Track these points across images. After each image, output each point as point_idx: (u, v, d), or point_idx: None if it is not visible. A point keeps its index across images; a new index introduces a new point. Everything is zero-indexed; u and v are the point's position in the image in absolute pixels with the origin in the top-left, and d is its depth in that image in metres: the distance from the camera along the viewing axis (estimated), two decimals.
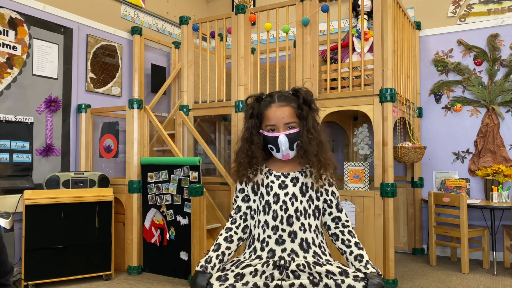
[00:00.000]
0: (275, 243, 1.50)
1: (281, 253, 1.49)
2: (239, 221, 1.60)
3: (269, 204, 1.54)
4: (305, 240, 1.50)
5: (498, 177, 4.14)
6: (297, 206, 1.53)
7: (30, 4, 3.91)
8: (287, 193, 1.54)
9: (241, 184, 1.62)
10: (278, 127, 1.54)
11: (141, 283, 3.59)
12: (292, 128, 1.54)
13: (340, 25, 3.82)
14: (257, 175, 1.58)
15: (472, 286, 3.51)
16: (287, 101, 1.55)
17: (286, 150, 1.53)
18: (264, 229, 1.53)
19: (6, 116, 3.70)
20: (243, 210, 1.61)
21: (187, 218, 3.65)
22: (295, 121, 1.54)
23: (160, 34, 5.42)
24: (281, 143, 1.52)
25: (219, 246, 1.53)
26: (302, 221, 1.51)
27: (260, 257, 1.50)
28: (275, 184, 1.56)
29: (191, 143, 4.46)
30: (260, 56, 4.28)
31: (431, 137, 4.70)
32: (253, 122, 1.58)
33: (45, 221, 3.46)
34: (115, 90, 4.75)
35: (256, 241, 1.54)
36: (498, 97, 4.37)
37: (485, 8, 4.49)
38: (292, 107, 1.55)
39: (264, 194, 1.56)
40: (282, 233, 1.50)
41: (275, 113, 1.54)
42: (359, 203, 3.58)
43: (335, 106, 3.75)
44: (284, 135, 1.52)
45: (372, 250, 3.50)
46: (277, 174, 1.58)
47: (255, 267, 1.45)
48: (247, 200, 1.61)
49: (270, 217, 1.52)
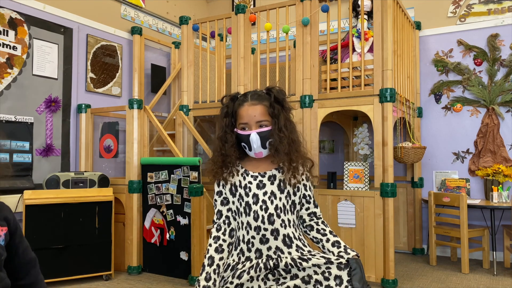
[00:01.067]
0: (259, 242, 1.53)
1: (267, 252, 1.52)
2: (224, 227, 1.61)
3: (249, 205, 1.55)
4: (287, 235, 1.54)
5: (498, 177, 4.14)
6: (277, 204, 1.55)
7: (30, 4, 3.91)
8: (266, 192, 1.56)
9: (218, 186, 1.64)
10: (250, 125, 1.56)
11: (141, 283, 3.59)
12: (264, 126, 1.56)
13: (340, 25, 3.82)
14: (234, 177, 1.60)
15: (472, 286, 3.51)
16: (259, 99, 1.57)
17: (258, 148, 1.55)
18: (247, 230, 1.55)
19: (6, 116, 3.71)
20: (225, 214, 1.62)
21: (187, 218, 3.65)
22: (267, 119, 1.56)
23: (160, 34, 5.42)
24: (252, 141, 1.54)
25: (213, 259, 1.54)
26: (282, 218, 1.54)
27: (249, 258, 1.54)
28: (253, 185, 1.57)
29: (191, 143, 4.46)
30: (260, 56, 4.28)
31: (431, 137, 4.70)
32: (227, 121, 1.61)
33: (45, 221, 3.46)
34: (115, 90, 4.75)
35: (242, 242, 1.57)
36: (498, 97, 4.37)
37: (485, 8, 4.49)
38: (264, 105, 1.57)
39: (243, 195, 1.57)
40: (264, 232, 1.52)
41: (247, 111, 1.56)
42: (359, 203, 3.58)
43: (335, 106, 3.75)
44: (255, 133, 1.54)
45: (372, 250, 3.50)
46: (254, 174, 1.59)
47: (250, 274, 1.49)
48: (226, 203, 1.62)
49: (251, 218, 1.54)
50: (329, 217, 3.72)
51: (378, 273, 3.48)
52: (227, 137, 1.59)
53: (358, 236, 3.59)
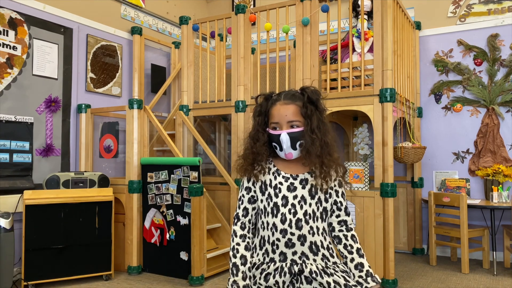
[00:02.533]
0: (285, 246, 1.50)
1: (292, 256, 1.49)
2: (248, 225, 1.59)
3: (278, 206, 1.51)
4: (314, 243, 1.50)
5: (498, 177, 4.14)
6: (306, 209, 1.51)
7: (30, 4, 3.91)
8: (296, 196, 1.52)
9: (248, 182, 1.59)
10: (281, 125, 1.52)
11: (141, 283, 3.59)
12: (295, 127, 1.52)
13: (340, 25, 3.82)
14: (265, 175, 1.56)
15: (472, 286, 3.51)
16: (292, 99, 1.54)
17: (288, 149, 1.51)
18: (273, 232, 1.52)
19: (6, 116, 3.70)
20: (250, 212, 1.59)
21: (187, 218, 3.65)
22: (299, 120, 1.52)
23: (160, 34, 5.42)
24: (282, 141, 1.50)
25: (246, 258, 1.53)
26: (311, 225, 1.50)
27: (273, 260, 1.51)
28: (284, 186, 1.53)
29: (191, 143, 4.46)
30: (260, 56, 4.28)
31: (431, 137, 4.70)
32: (260, 120, 1.58)
33: (45, 221, 3.46)
34: (115, 90, 4.75)
35: (267, 243, 1.53)
36: (498, 97, 4.37)
37: (485, 8, 4.49)
38: (297, 105, 1.53)
39: (272, 195, 1.53)
40: (291, 236, 1.49)
41: (279, 111, 1.53)
42: (359, 203, 3.58)
43: (335, 106, 3.75)
44: (285, 133, 1.50)
45: (372, 250, 3.50)
46: (285, 175, 1.55)
47: (275, 279, 1.48)
48: (253, 201, 1.59)
49: (278, 220, 1.50)
50: None
51: (378, 273, 3.48)
52: (259, 136, 1.56)
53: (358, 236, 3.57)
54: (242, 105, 4.16)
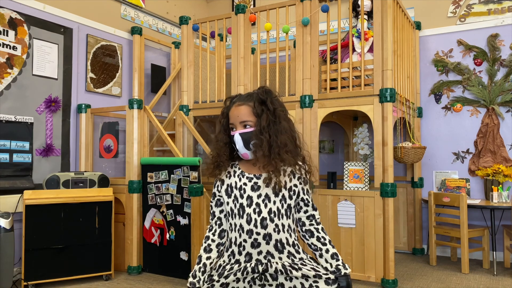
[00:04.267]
0: (251, 246, 1.52)
1: (258, 256, 1.51)
2: (215, 227, 1.63)
3: (243, 207, 1.54)
4: (279, 241, 1.52)
5: (498, 177, 4.14)
6: (271, 207, 1.53)
7: (30, 4, 3.91)
8: (260, 195, 1.54)
9: (214, 187, 1.64)
10: (236, 126, 1.56)
11: (141, 283, 3.59)
12: (248, 127, 1.54)
13: (340, 25, 3.82)
14: (231, 178, 1.59)
15: (472, 286, 3.51)
16: (245, 100, 1.57)
17: (242, 149, 1.54)
18: (240, 233, 1.54)
19: (6, 116, 3.71)
20: (217, 215, 1.64)
21: (187, 218, 3.65)
22: (251, 120, 1.54)
23: (160, 34, 5.42)
24: (236, 141, 1.54)
25: (200, 258, 1.59)
26: (276, 222, 1.52)
27: (238, 261, 1.53)
28: (248, 186, 1.56)
29: (191, 143, 4.46)
30: (260, 56, 4.28)
31: (431, 137, 4.70)
32: (224, 122, 1.62)
33: (45, 221, 3.46)
34: (115, 90, 4.75)
35: (234, 244, 1.56)
36: (498, 97, 4.37)
37: (485, 8, 4.49)
38: (249, 105, 1.55)
39: (238, 196, 1.56)
40: (257, 236, 1.51)
41: (233, 112, 1.57)
42: (359, 203, 3.58)
43: (335, 106, 3.75)
44: (238, 133, 1.54)
45: (372, 250, 3.50)
46: (249, 175, 1.58)
47: (237, 276, 1.50)
48: (219, 204, 1.63)
49: (244, 221, 1.52)
50: (329, 217, 3.72)
51: (378, 273, 3.48)
52: (220, 137, 1.61)
53: (358, 236, 3.59)
54: None
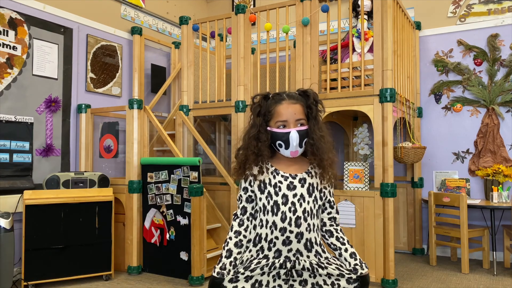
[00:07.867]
0: (282, 243, 1.54)
1: (287, 253, 1.54)
2: (246, 223, 1.63)
3: (278, 205, 1.55)
4: (309, 240, 1.55)
5: (498, 177, 4.14)
6: (305, 207, 1.55)
7: (30, 4, 3.91)
8: (296, 194, 1.56)
9: (245, 182, 1.63)
10: (289, 123, 1.56)
11: (141, 283, 3.59)
12: (301, 125, 1.57)
13: (340, 25, 3.82)
14: (263, 174, 1.60)
15: (472, 286, 3.51)
16: (297, 99, 1.60)
17: (296, 146, 1.55)
18: (272, 230, 1.55)
19: (6, 116, 3.71)
20: (249, 211, 1.64)
21: (187, 218, 3.65)
22: (304, 118, 1.59)
23: (160, 34, 5.42)
24: (292, 138, 1.54)
25: (231, 252, 1.58)
26: (308, 222, 1.55)
27: (267, 257, 1.55)
28: (283, 185, 1.57)
29: (191, 143, 4.46)
30: (260, 56, 4.28)
31: (431, 137, 4.70)
32: (261, 120, 1.61)
33: (45, 221, 3.46)
34: (115, 90, 4.75)
35: (264, 240, 1.57)
36: (498, 97, 4.37)
37: (485, 8, 4.49)
38: (301, 105, 1.59)
39: (272, 194, 1.57)
40: (289, 234, 1.53)
41: (287, 109, 1.57)
42: (359, 203, 3.58)
43: (335, 106, 3.74)
44: (295, 131, 1.55)
45: (372, 250, 3.50)
46: (284, 174, 1.59)
47: (263, 270, 1.52)
48: (251, 201, 1.63)
49: (278, 218, 1.54)
50: None
51: (378, 273, 3.48)
52: (261, 136, 1.59)
53: (358, 236, 3.59)
54: (242, 105, 4.16)
